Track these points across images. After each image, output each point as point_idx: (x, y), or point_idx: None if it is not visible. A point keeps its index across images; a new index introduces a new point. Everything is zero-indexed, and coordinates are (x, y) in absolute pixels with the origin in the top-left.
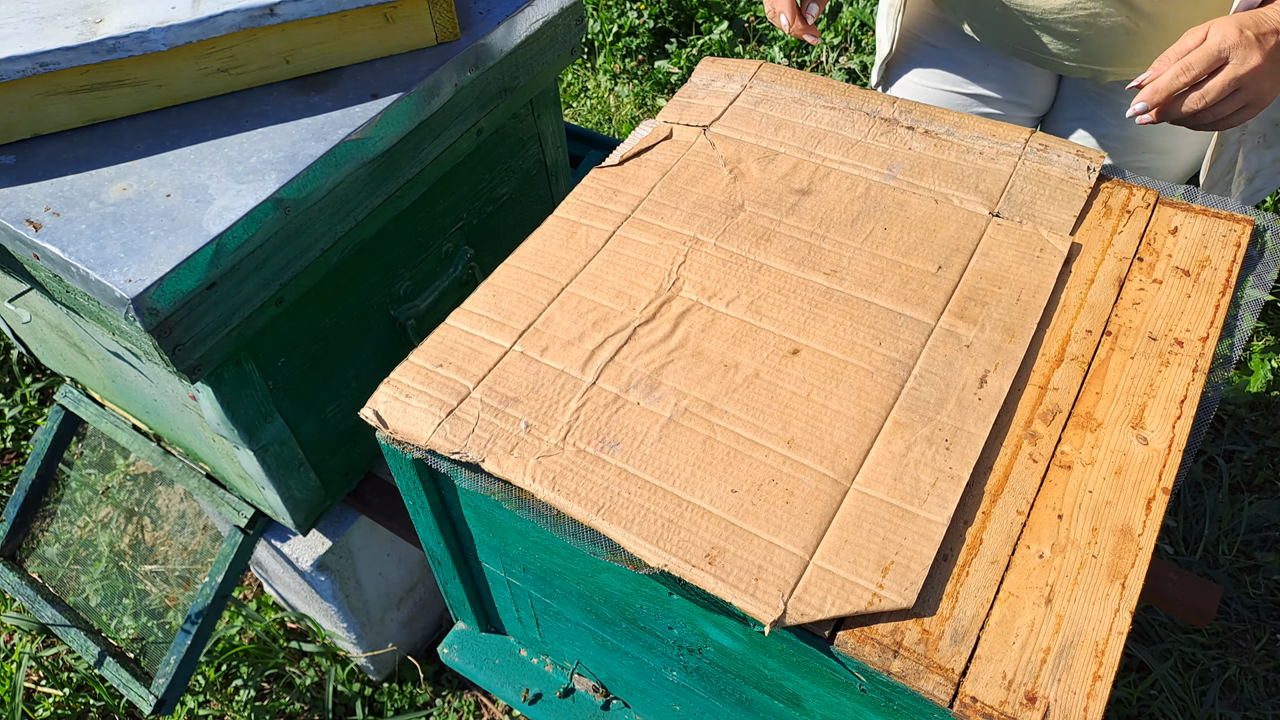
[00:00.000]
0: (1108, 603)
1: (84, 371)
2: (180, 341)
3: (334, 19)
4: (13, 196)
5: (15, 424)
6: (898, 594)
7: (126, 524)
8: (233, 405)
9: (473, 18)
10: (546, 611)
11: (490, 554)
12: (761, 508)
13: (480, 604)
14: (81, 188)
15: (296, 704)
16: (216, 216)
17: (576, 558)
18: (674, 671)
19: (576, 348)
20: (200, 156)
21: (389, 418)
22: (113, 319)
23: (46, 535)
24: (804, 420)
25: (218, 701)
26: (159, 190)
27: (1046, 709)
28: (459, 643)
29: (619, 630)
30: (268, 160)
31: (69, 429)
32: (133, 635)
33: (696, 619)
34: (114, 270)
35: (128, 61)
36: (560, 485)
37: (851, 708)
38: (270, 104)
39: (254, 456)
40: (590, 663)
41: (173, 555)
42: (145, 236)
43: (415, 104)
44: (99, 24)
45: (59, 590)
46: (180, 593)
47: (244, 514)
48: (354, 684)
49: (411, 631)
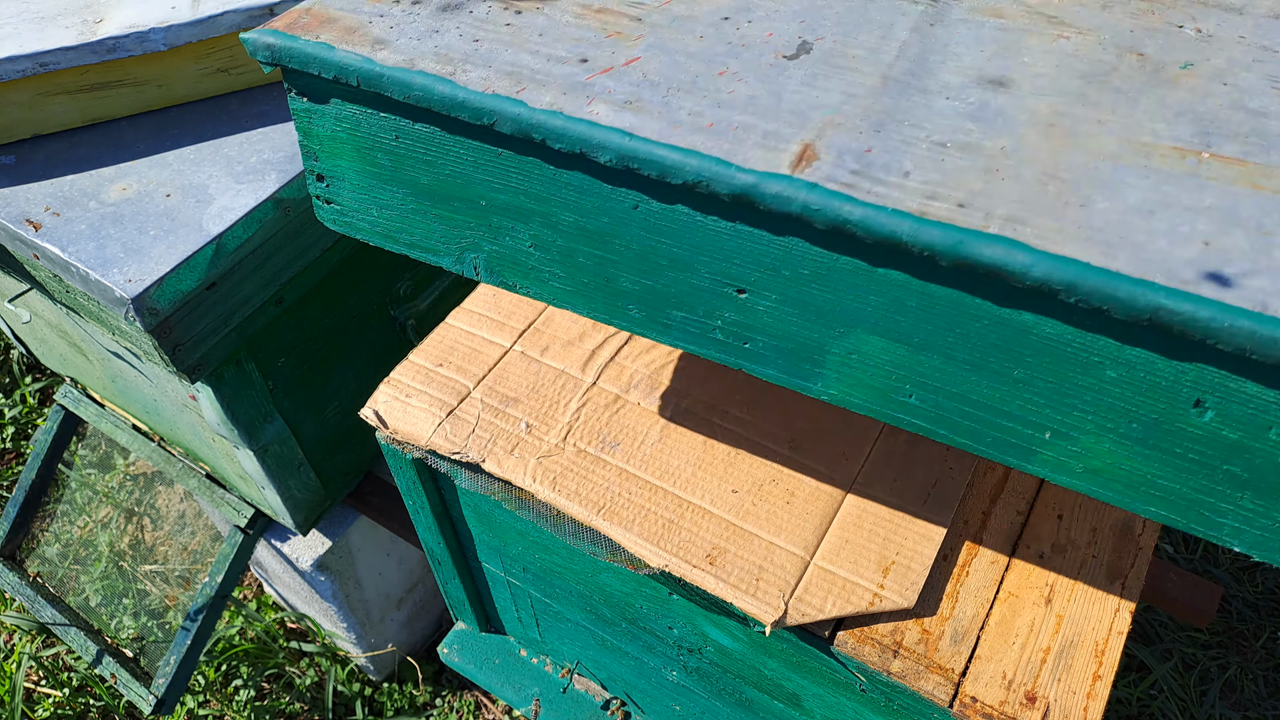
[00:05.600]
0: (1108, 602)
1: (84, 371)
2: (180, 341)
3: None
4: (13, 196)
5: (15, 424)
6: (898, 594)
7: (126, 524)
8: (233, 405)
9: None
10: (546, 611)
11: (490, 554)
12: (762, 508)
13: (480, 604)
14: (81, 188)
15: (296, 704)
16: (216, 216)
17: (576, 558)
18: (674, 671)
19: (577, 348)
20: (200, 156)
21: (389, 417)
22: (113, 319)
23: (46, 535)
24: (805, 420)
25: (218, 701)
26: (159, 190)
27: (1047, 709)
28: (459, 643)
29: (619, 630)
30: (268, 160)
31: (69, 429)
32: (133, 635)
33: (696, 619)
34: (114, 270)
35: (128, 61)
36: (561, 486)
37: (851, 708)
38: (270, 104)
39: (254, 456)
40: (590, 663)
41: (173, 555)
42: (145, 236)
43: None
44: (99, 24)
45: (59, 590)
46: (180, 593)
47: (244, 514)
48: (354, 684)
49: (411, 631)
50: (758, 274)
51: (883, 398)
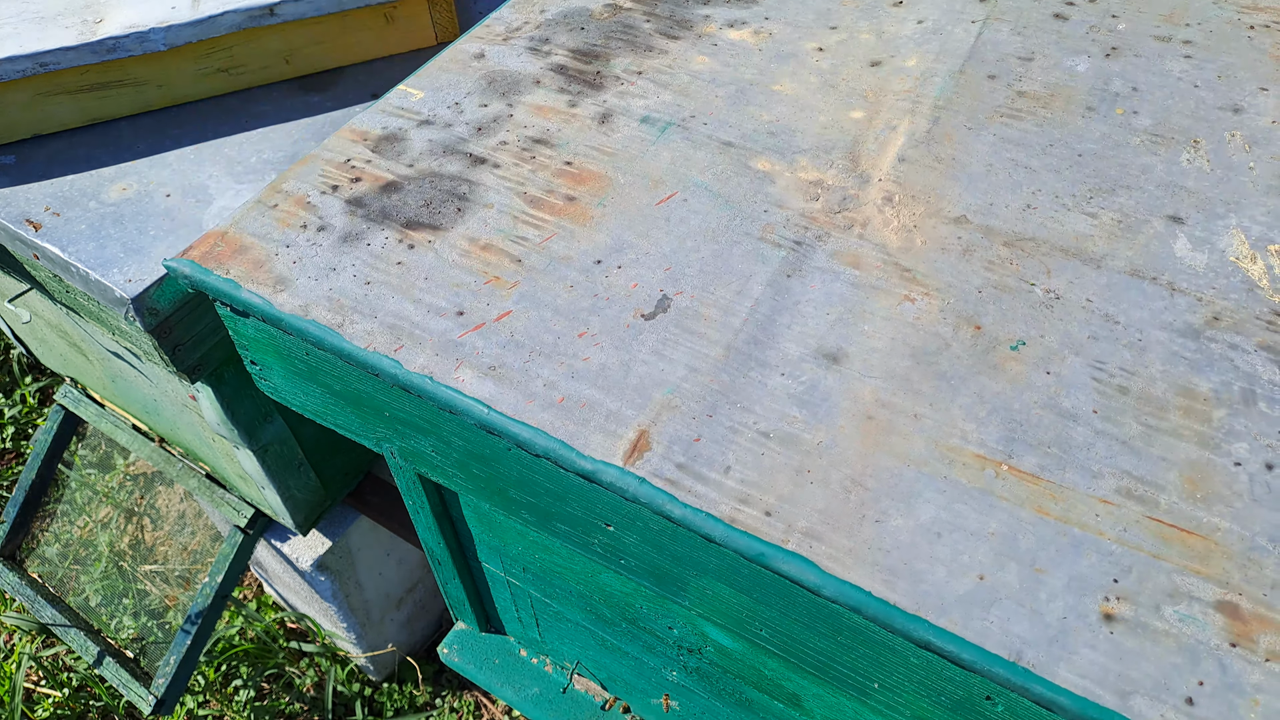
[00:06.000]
0: None
1: (84, 371)
2: (180, 341)
3: (334, 19)
4: (13, 196)
5: (15, 424)
6: None
7: (126, 524)
8: (233, 405)
9: (472, 17)
10: (546, 611)
11: (490, 554)
12: None
13: (480, 604)
14: (81, 188)
15: (296, 704)
16: (216, 216)
17: (576, 558)
18: (674, 671)
19: None
20: (200, 156)
21: None
22: (113, 319)
23: (46, 535)
24: None
25: (217, 701)
26: (159, 190)
27: None
28: (459, 643)
29: (619, 630)
30: (268, 160)
31: (69, 429)
32: (132, 635)
33: (696, 619)
34: (114, 270)
35: (128, 61)
36: None
37: (851, 708)
38: (270, 104)
39: (254, 456)
40: (590, 663)
41: (173, 555)
42: (145, 236)
43: None
44: (99, 24)
45: (59, 590)
46: (180, 593)
47: (244, 514)
48: (354, 684)
49: (411, 632)
50: (618, 518)
51: (740, 625)
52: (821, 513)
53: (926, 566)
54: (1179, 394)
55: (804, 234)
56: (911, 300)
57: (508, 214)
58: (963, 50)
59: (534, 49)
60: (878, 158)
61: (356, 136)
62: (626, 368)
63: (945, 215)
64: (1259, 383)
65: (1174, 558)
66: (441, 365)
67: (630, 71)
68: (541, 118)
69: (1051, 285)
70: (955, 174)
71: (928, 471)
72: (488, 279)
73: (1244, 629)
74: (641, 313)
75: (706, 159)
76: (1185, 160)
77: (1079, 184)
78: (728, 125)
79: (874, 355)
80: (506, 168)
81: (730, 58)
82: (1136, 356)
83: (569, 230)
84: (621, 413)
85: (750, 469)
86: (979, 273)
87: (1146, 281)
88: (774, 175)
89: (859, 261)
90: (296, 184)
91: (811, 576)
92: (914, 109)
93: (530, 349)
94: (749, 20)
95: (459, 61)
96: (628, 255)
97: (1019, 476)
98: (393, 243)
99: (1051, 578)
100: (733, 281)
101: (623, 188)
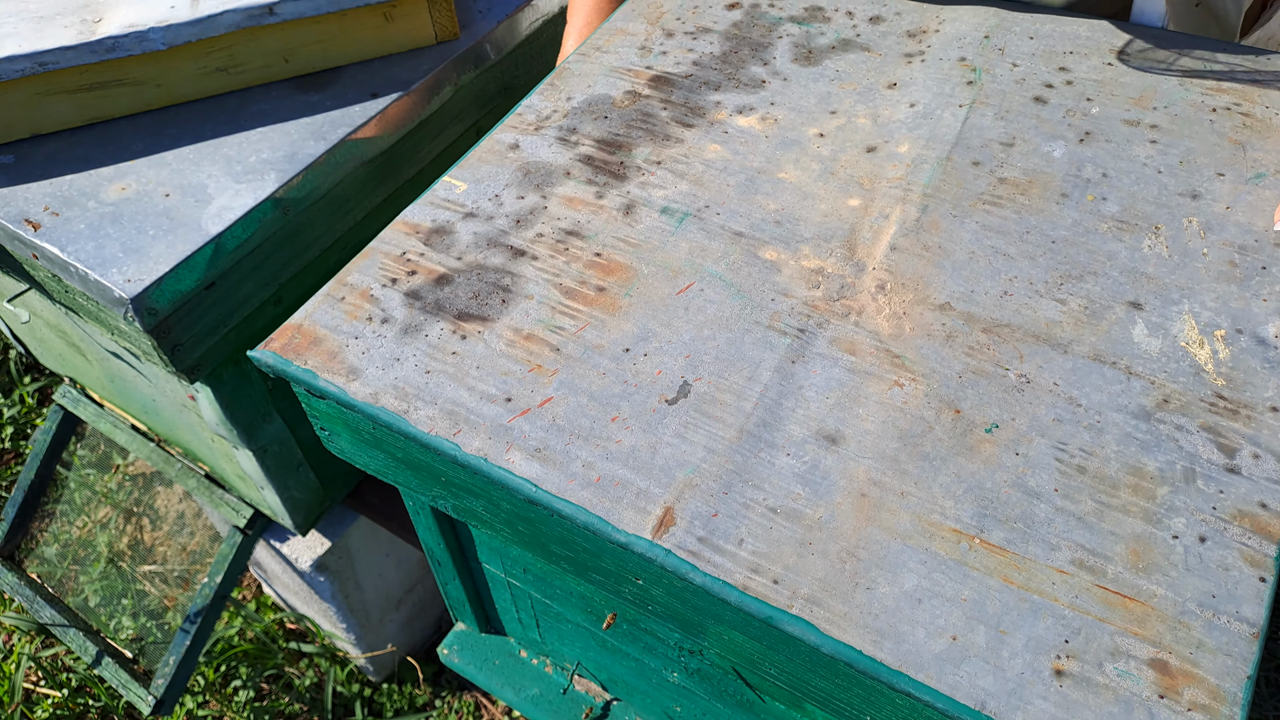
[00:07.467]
0: None
1: (83, 371)
2: (179, 341)
3: (333, 18)
4: (12, 196)
5: (14, 424)
6: None
7: (125, 524)
8: (232, 405)
9: (472, 17)
10: (547, 612)
11: (490, 555)
12: None
13: (480, 605)
14: (80, 187)
15: (296, 705)
16: (215, 216)
17: None
18: (674, 673)
19: None
20: (199, 156)
21: None
22: (112, 319)
23: (45, 535)
24: None
25: (217, 702)
26: (158, 190)
27: None
28: (458, 643)
29: (619, 631)
30: (267, 160)
31: (68, 429)
32: (131, 635)
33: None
34: (113, 270)
35: (127, 61)
36: None
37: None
38: (269, 103)
39: (253, 456)
40: (590, 663)
41: (172, 555)
42: (144, 236)
43: (415, 103)
44: (98, 23)
45: (58, 590)
46: (179, 593)
47: (243, 514)
48: (353, 685)
49: (411, 632)
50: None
51: (751, 665)
52: (821, 581)
53: (908, 629)
54: (1129, 473)
55: (806, 321)
56: (900, 385)
57: (546, 305)
58: (950, 136)
59: (563, 139)
60: (872, 246)
61: (409, 229)
62: (654, 450)
63: (931, 302)
64: (1199, 462)
65: (1116, 621)
66: (494, 448)
67: (650, 161)
68: (572, 209)
69: (1024, 370)
70: (941, 262)
71: (911, 544)
72: (531, 367)
73: (1171, 683)
74: (665, 398)
75: (720, 249)
76: (1147, 246)
77: (1051, 270)
78: (738, 215)
79: (867, 437)
80: (544, 260)
81: (740, 145)
82: (1095, 438)
83: (600, 320)
84: (650, 491)
85: (760, 541)
86: (960, 358)
87: (1107, 366)
88: (780, 264)
89: (855, 348)
90: (360, 277)
91: (812, 637)
92: (905, 196)
93: (570, 432)
94: (756, 106)
95: (496, 153)
96: (652, 344)
97: (989, 549)
98: (447, 334)
99: (1013, 638)
100: (744, 368)
101: (646, 278)
